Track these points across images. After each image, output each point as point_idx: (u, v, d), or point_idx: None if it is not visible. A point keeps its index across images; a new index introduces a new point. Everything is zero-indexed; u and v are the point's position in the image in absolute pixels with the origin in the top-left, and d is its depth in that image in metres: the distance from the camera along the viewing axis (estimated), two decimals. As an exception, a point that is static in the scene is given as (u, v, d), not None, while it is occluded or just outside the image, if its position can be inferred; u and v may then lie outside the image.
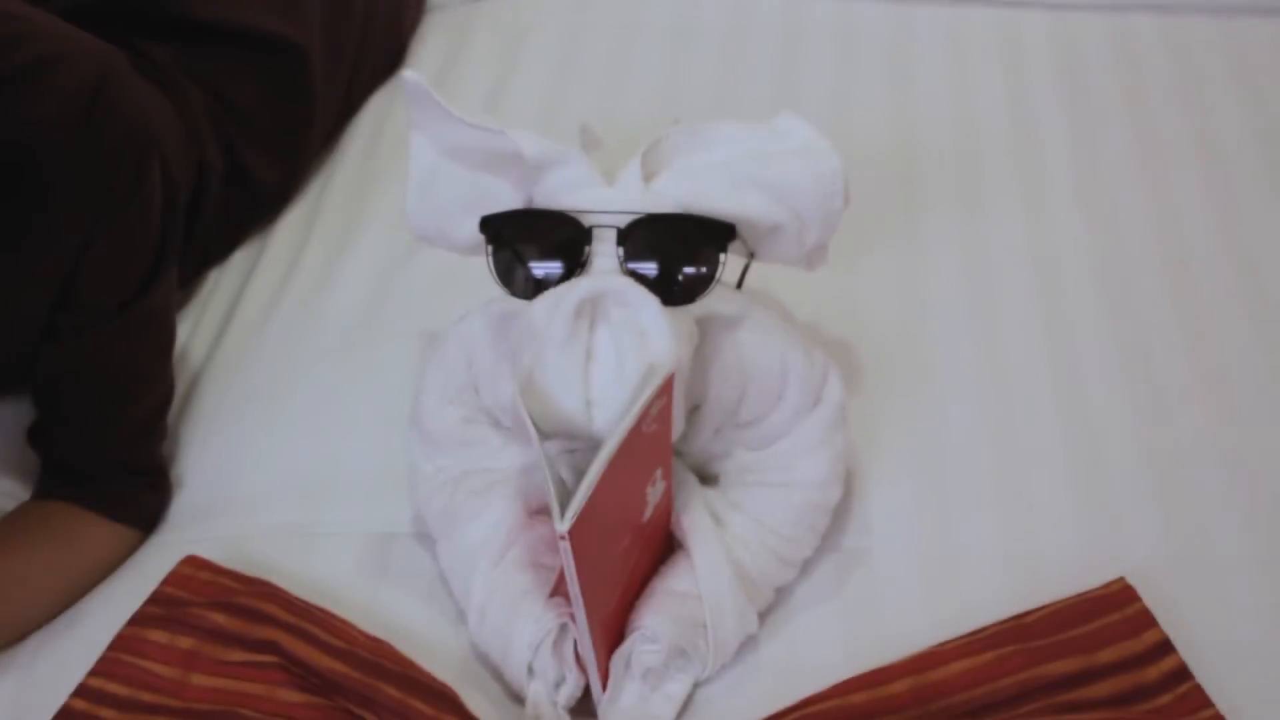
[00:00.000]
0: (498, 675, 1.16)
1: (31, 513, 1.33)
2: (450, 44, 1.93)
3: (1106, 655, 1.10)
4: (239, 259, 1.65)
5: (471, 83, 1.83)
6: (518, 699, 1.14)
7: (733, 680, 1.15)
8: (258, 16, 1.65)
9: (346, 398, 1.44)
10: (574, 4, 1.98)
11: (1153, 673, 1.09)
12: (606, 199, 1.15)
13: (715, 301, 1.17)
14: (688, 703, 1.13)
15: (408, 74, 1.19)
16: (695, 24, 1.91)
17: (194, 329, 1.55)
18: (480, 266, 1.20)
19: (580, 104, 1.78)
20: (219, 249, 1.65)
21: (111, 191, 1.27)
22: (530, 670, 1.13)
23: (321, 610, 1.19)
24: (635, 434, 1.04)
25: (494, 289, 1.19)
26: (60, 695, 1.15)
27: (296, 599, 1.20)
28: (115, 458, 1.35)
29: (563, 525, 0.97)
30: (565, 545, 0.98)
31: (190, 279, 1.60)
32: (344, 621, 1.18)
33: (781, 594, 1.20)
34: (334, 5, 1.75)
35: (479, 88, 1.82)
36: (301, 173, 1.75)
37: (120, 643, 1.19)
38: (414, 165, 1.23)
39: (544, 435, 1.10)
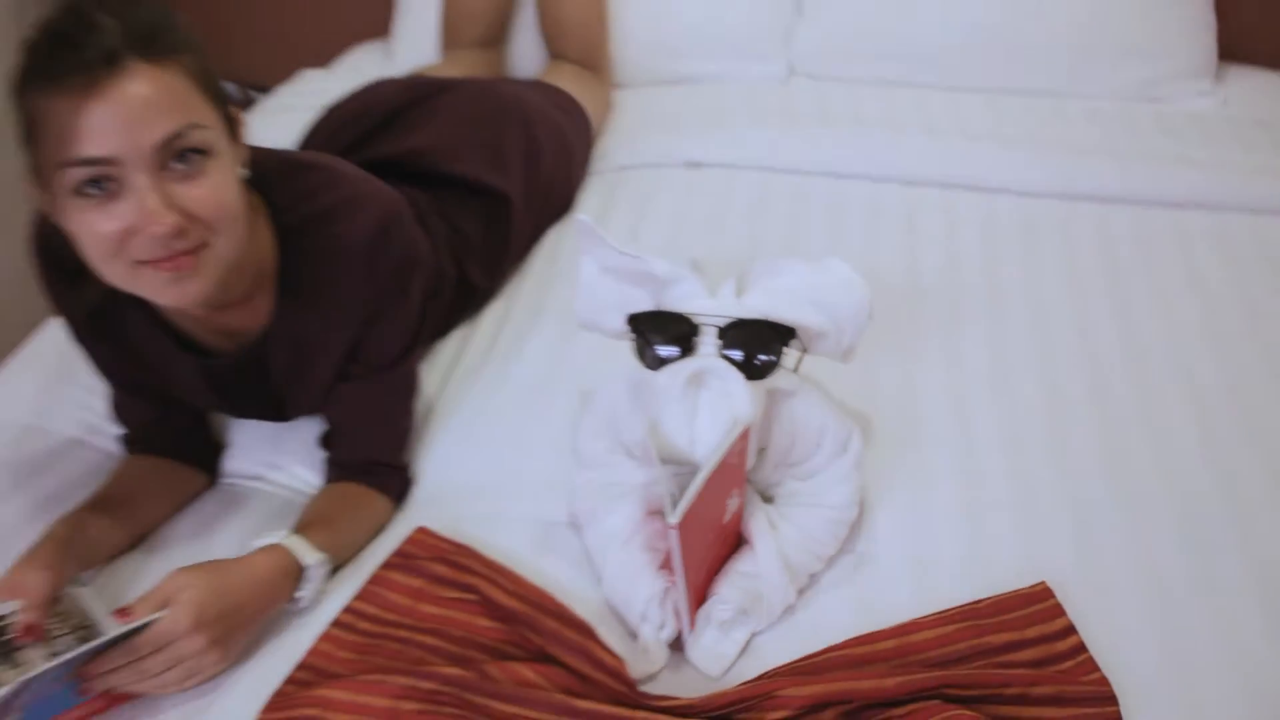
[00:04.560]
0: (620, 620, 1.18)
1: (340, 489, 1.33)
2: (603, 198, 1.92)
3: (1031, 632, 1.12)
4: (457, 335, 1.64)
5: (618, 224, 1.82)
6: (633, 636, 1.16)
7: (777, 633, 1.17)
8: (480, 173, 1.65)
9: (527, 431, 1.44)
10: (685, 176, 1.96)
11: (1061, 646, 1.12)
12: (711, 307, 1.19)
13: (779, 379, 1.20)
14: (747, 645, 1.15)
15: (581, 217, 1.22)
16: (769, 193, 1.90)
17: (426, 379, 1.53)
18: (622, 347, 1.23)
19: (690, 242, 1.77)
20: (445, 327, 1.63)
21: (388, 293, 1.29)
22: (643, 617, 1.15)
23: (506, 569, 1.21)
24: (722, 464, 1.08)
25: (632, 363, 1.22)
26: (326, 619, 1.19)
27: (490, 559, 1.22)
28: (379, 460, 1.36)
29: (673, 519, 1.01)
30: (674, 533, 1.02)
31: (426, 346, 1.57)
32: (520, 577, 1.20)
33: (813, 579, 1.22)
34: (530, 167, 1.75)
35: (623, 227, 1.81)
36: (503, 279, 1.73)
37: (374, 580, 1.21)
38: (582, 276, 1.25)
39: (662, 462, 1.13)
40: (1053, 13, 2.13)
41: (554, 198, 1.86)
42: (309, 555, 1.18)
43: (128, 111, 1.02)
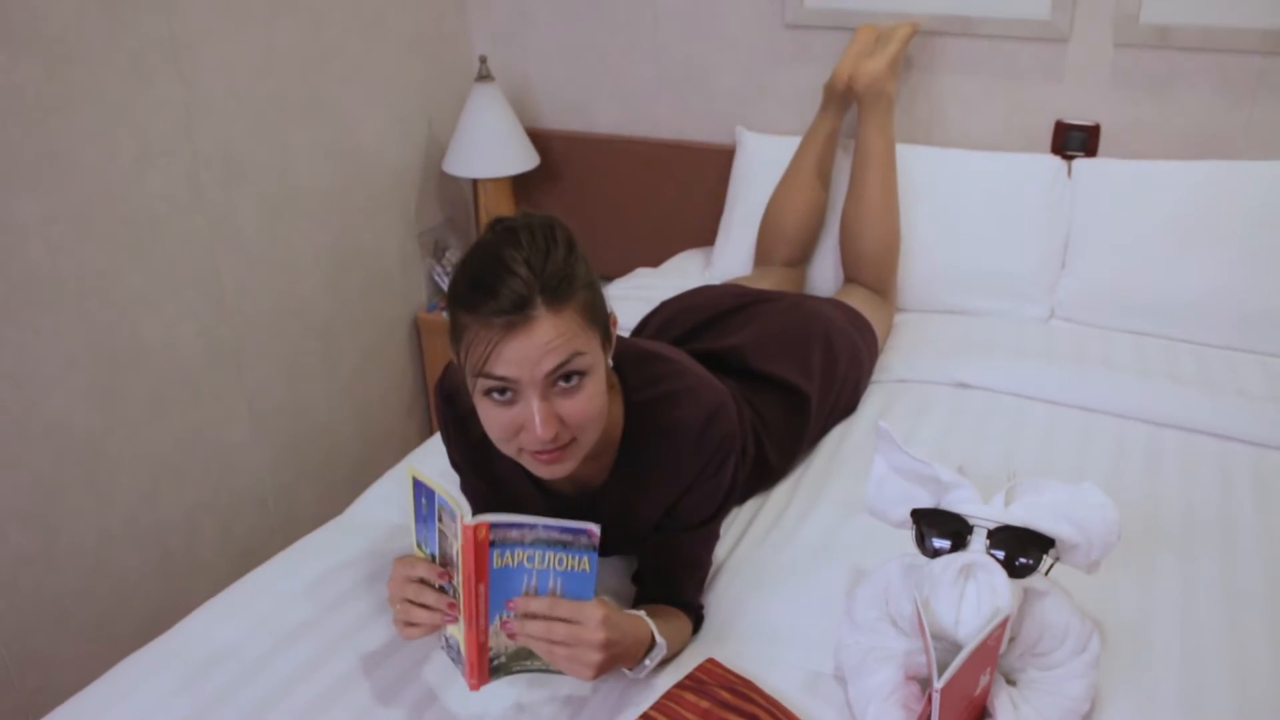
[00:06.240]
0: (875, 765, 1.20)
1: (662, 607, 1.38)
2: (883, 404, 1.96)
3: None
4: (751, 504, 1.69)
5: (894, 429, 1.74)
6: (884, 780, 1.19)
7: (1009, 800, 1.16)
8: (787, 374, 1.73)
9: (803, 593, 1.47)
10: (953, 394, 1.99)
11: None
12: (983, 511, 1.22)
13: (1035, 580, 1.22)
14: (982, 806, 1.16)
15: (882, 423, 1.28)
16: (1024, 417, 1.90)
17: (723, 536, 1.59)
18: (886, 534, 1.29)
19: (954, 450, 1.79)
20: (742, 497, 1.68)
21: (707, 469, 1.35)
22: (895, 765, 1.18)
23: (782, 704, 1.25)
24: (982, 645, 1.11)
25: (897, 548, 1.27)
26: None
27: (769, 694, 1.27)
28: (681, 599, 1.41)
29: (939, 684, 1.05)
30: (937, 696, 1.06)
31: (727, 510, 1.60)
32: (794, 714, 1.24)
33: (1044, 758, 1.21)
34: (827, 372, 1.81)
35: (898, 432, 1.77)
36: (793, 463, 1.77)
37: (668, 695, 1.27)
38: (875, 472, 1.30)
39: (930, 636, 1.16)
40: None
41: (842, 400, 1.90)
42: (659, 637, 1.28)
43: (530, 350, 1.13)
